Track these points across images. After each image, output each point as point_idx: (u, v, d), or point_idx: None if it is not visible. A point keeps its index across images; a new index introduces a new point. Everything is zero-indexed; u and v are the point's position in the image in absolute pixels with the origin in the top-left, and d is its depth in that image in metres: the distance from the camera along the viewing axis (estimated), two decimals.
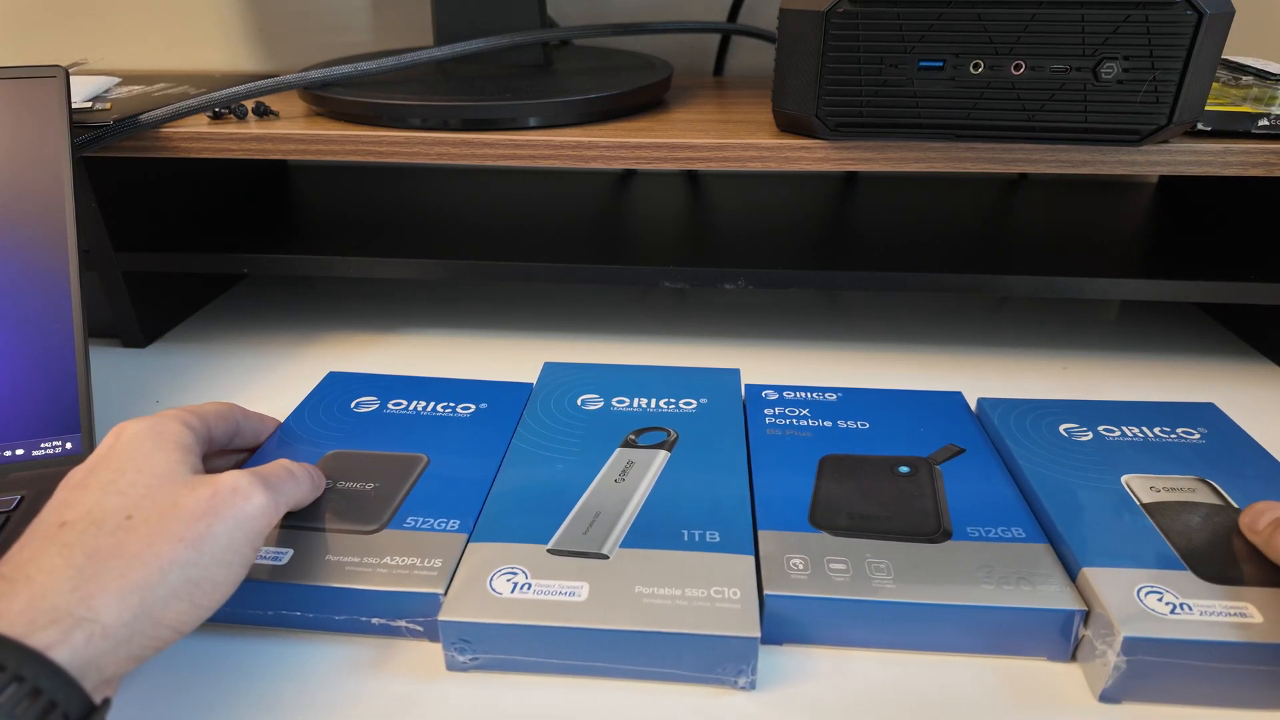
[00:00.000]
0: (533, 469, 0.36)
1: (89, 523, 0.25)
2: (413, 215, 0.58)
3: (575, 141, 0.44)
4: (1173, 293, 0.47)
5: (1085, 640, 0.29)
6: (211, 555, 0.26)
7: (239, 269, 0.52)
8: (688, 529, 0.32)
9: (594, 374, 0.44)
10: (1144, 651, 0.27)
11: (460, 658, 0.29)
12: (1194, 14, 0.36)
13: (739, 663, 0.28)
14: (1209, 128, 0.42)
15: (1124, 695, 0.28)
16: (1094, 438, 0.38)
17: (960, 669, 0.30)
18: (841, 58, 0.39)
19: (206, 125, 0.46)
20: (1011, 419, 0.39)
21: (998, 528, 0.32)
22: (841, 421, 0.40)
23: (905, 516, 0.33)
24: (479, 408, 0.41)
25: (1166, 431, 0.38)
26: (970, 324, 0.56)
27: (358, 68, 0.47)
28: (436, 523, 0.33)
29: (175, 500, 0.26)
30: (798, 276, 0.49)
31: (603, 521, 0.33)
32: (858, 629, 0.30)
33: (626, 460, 0.37)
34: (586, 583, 0.30)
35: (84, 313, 0.39)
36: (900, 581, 0.30)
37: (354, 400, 0.42)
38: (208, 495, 0.27)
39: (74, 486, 0.27)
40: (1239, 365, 0.51)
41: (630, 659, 0.29)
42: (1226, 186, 0.57)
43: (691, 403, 0.41)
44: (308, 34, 0.70)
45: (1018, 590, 0.29)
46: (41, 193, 0.40)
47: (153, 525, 0.25)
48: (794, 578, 0.30)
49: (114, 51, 0.71)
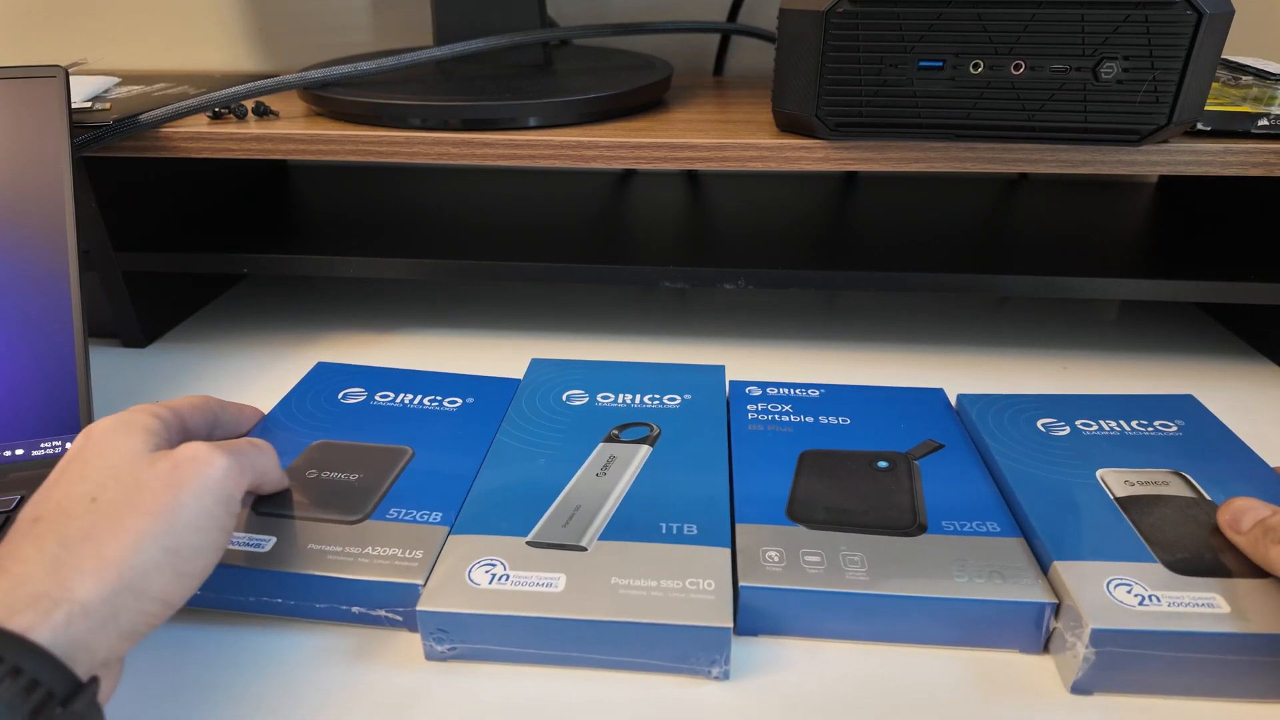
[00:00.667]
0: (516, 463, 0.37)
1: (58, 513, 0.26)
2: (413, 215, 0.58)
3: (575, 141, 0.44)
4: (1173, 293, 0.47)
5: (1056, 632, 0.30)
6: (185, 523, 0.26)
7: (239, 269, 0.52)
8: (666, 522, 0.33)
9: (580, 370, 0.44)
10: (1112, 643, 0.27)
11: (438, 647, 0.30)
12: (1194, 14, 0.36)
13: (712, 653, 0.28)
14: (1209, 128, 0.42)
15: (1095, 687, 0.28)
16: (1071, 432, 0.38)
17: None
18: (841, 58, 0.39)
19: (206, 125, 0.46)
20: (990, 415, 0.40)
21: (973, 522, 0.33)
22: (823, 417, 0.40)
23: (881, 510, 0.33)
24: (465, 402, 0.42)
25: (1144, 424, 0.39)
26: (970, 324, 0.56)
27: (358, 68, 0.47)
28: (419, 514, 0.33)
29: (138, 477, 0.27)
30: (798, 276, 0.49)
31: (582, 515, 0.33)
32: (831, 620, 0.30)
33: (609, 455, 0.37)
34: (564, 574, 0.30)
35: (84, 313, 0.39)
36: (874, 574, 0.30)
37: (341, 391, 0.42)
38: (169, 467, 0.27)
39: (46, 485, 0.28)
40: (1239, 365, 0.51)
41: (605, 649, 0.29)
42: (1226, 186, 0.57)
43: (675, 399, 0.41)
44: (308, 34, 0.70)
45: (990, 583, 0.30)
46: (41, 193, 0.40)
47: (119, 504, 0.26)
48: (769, 570, 0.30)
49: (114, 51, 0.71)
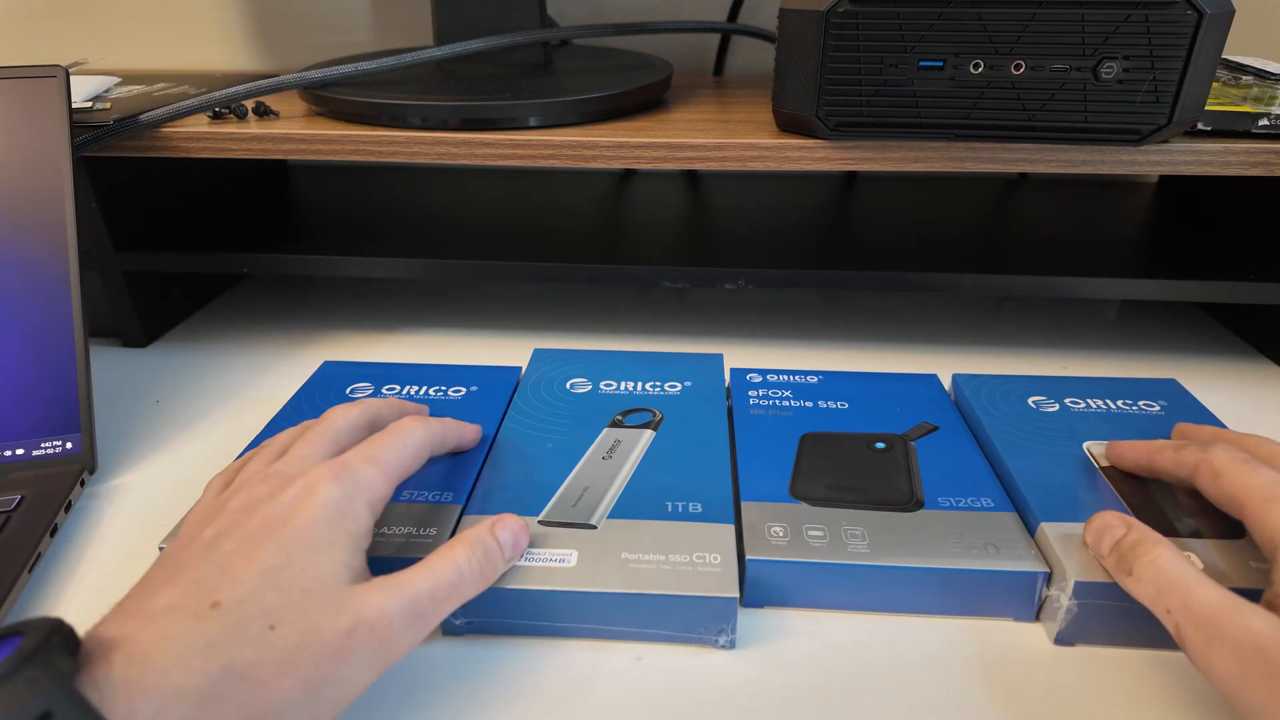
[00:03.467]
0: (523, 447, 0.37)
1: (236, 620, 0.23)
2: (413, 215, 0.58)
3: (575, 141, 0.44)
4: (1173, 293, 0.47)
5: (1048, 599, 0.31)
6: (329, 698, 0.24)
7: (239, 269, 0.52)
8: (672, 501, 0.33)
9: (582, 359, 0.45)
10: (1093, 595, 0.29)
11: (455, 621, 0.30)
12: (1194, 14, 0.36)
13: (719, 622, 0.29)
14: (1209, 127, 0.42)
15: (1076, 638, 0.30)
16: (1060, 409, 0.40)
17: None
18: (841, 57, 0.39)
19: (206, 125, 0.46)
20: (983, 393, 0.41)
21: (968, 498, 0.34)
22: (822, 402, 0.41)
23: (880, 488, 0.35)
24: (470, 390, 0.43)
25: (1129, 404, 0.41)
26: (970, 324, 0.56)
27: (358, 68, 0.47)
28: (431, 495, 0.34)
29: (317, 625, 0.24)
30: (798, 276, 0.49)
31: (591, 495, 0.34)
32: (834, 592, 0.32)
33: (614, 439, 0.38)
34: (576, 550, 0.31)
35: (84, 313, 0.39)
36: (874, 547, 0.31)
37: (349, 387, 0.43)
38: (345, 629, 0.24)
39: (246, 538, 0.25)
40: (1239, 365, 0.51)
41: (617, 620, 0.30)
42: (1226, 186, 0.57)
43: (676, 385, 0.42)
44: (308, 34, 0.70)
45: (984, 554, 0.31)
46: (41, 193, 0.40)
47: (288, 648, 0.23)
48: (774, 544, 0.31)
49: (114, 51, 0.71)
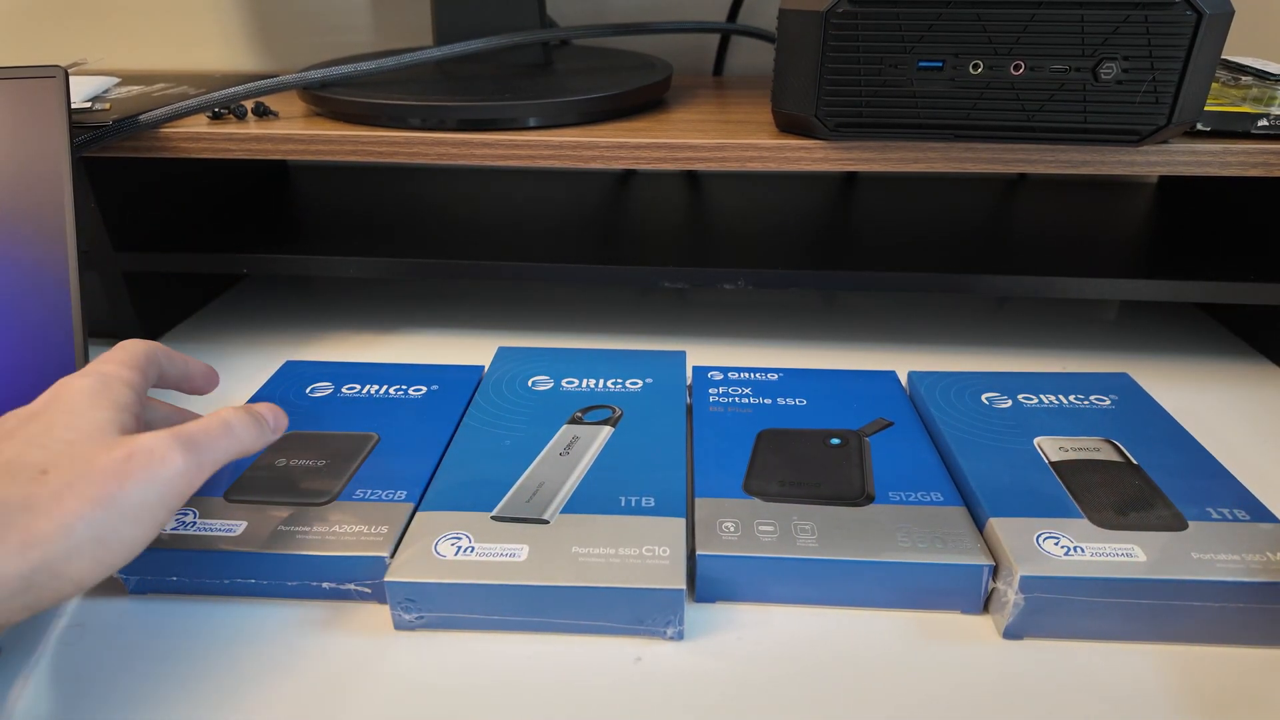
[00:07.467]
0: (481, 445, 0.38)
1: (5, 473, 0.25)
2: (413, 215, 0.58)
3: (575, 141, 0.44)
4: (1173, 293, 0.47)
5: (996, 593, 0.31)
6: (120, 514, 0.26)
7: (239, 269, 0.52)
8: (625, 496, 0.34)
9: (546, 357, 0.45)
10: (1039, 589, 0.29)
11: (406, 616, 0.31)
12: (1194, 14, 0.36)
13: (666, 614, 0.30)
14: (1208, 128, 0.42)
15: (1025, 631, 0.30)
16: (1012, 405, 0.40)
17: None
18: (841, 58, 0.39)
19: (206, 125, 0.46)
20: (938, 390, 0.42)
21: (918, 492, 0.34)
22: (781, 399, 0.41)
23: (832, 483, 0.35)
24: (430, 389, 0.43)
25: (1080, 398, 0.41)
26: (970, 324, 0.56)
27: (358, 68, 0.47)
28: (384, 494, 0.34)
29: (91, 459, 0.26)
30: (797, 276, 0.49)
31: (545, 491, 0.34)
32: (782, 585, 0.32)
33: (572, 436, 0.38)
34: (527, 545, 0.31)
35: (84, 313, 0.39)
36: (823, 541, 0.32)
37: (309, 386, 0.43)
38: (123, 456, 0.27)
39: (3, 435, 0.27)
40: (1239, 365, 0.51)
41: (566, 613, 0.30)
42: (1226, 186, 0.57)
43: (638, 383, 0.43)
44: (308, 34, 0.70)
45: (932, 548, 0.31)
46: (41, 193, 0.40)
47: (64, 482, 0.25)
48: (725, 539, 0.32)
49: (113, 52, 0.71)
